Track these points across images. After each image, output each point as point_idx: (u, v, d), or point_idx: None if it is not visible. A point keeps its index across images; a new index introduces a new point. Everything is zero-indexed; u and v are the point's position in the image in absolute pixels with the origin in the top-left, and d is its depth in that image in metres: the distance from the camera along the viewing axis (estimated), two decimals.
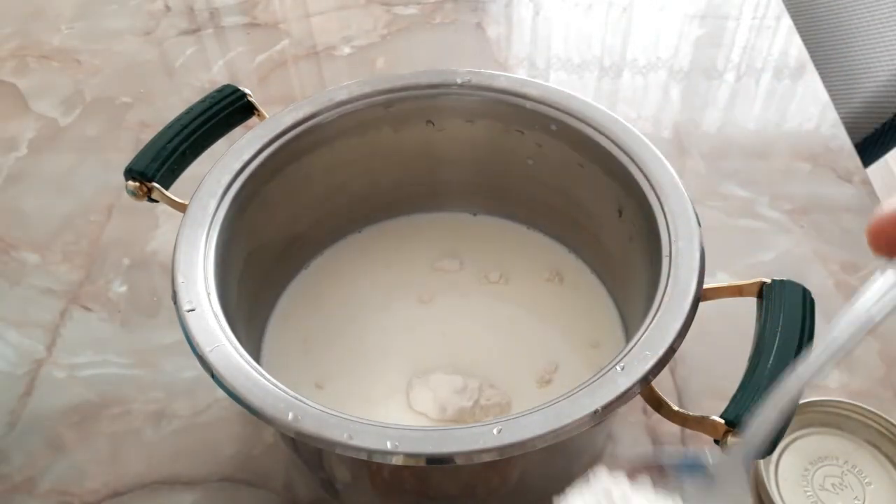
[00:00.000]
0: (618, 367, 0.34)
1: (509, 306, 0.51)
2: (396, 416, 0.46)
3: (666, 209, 0.40)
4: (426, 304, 0.51)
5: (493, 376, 0.47)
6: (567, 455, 0.43)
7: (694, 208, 0.40)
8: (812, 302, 0.35)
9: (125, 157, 0.44)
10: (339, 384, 0.47)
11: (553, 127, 0.47)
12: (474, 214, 0.56)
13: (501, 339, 0.49)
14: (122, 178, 0.44)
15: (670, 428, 0.47)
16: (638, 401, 0.35)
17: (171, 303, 0.38)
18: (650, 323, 0.36)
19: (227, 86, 0.48)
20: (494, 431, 0.32)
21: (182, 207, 0.42)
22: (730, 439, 0.31)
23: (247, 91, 0.48)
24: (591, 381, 0.34)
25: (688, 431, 0.47)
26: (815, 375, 0.26)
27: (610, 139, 0.44)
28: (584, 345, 0.49)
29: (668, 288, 0.37)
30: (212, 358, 0.35)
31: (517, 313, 0.51)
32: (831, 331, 0.26)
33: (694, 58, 0.76)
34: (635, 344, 0.35)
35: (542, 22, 0.82)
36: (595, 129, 0.45)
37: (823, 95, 0.71)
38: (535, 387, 0.47)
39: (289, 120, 0.46)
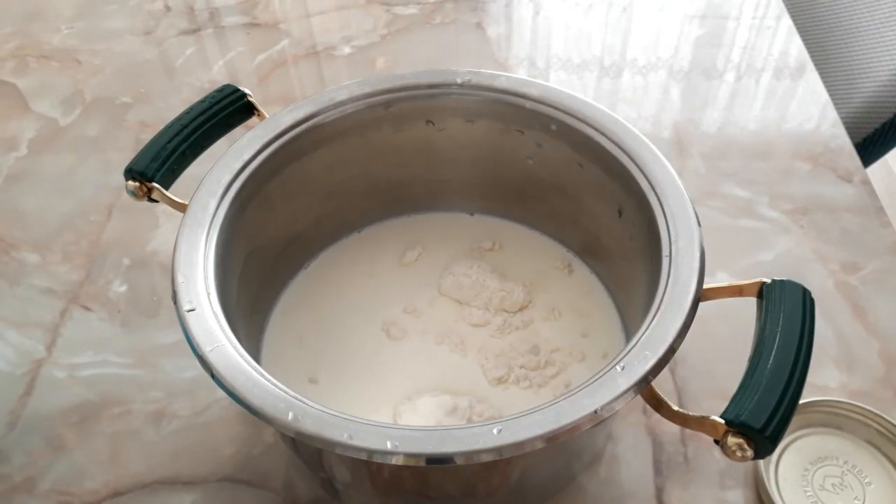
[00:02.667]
0: (618, 367, 0.34)
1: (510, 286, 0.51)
2: None
3: (666, 209, 0.40)
4: (420, 302, 0.52)
5: (483, 387, 0.47)
6: (567, 455, 0.43)
7: (694, 208, 0.40)
8: (812, 302, 0.35)
9: (125, 157, 0.44)
10: (332, 384, 0.47)
11: (553, 127, 0.47)
12: (471, 214, 0.56)
13: (499, 342, 0.49)
14: (122, 178, 0.44)
15: (670, 428, 0.47)
16: (638, 401, 0.34)
17: (171, 303, 0.38)
18: (650, 323, 0.36)
19: (227, 86, 0.48)
20: (494, 431, 0.32)
21: (182, 207, 0.42)
22: (730, 439, 0.31)
23: (247, 91, 0.48)
24: (591, 381, 0.34)
25: (688, 431, 0.47)
26: None
27: (610, 139, 0.44)
28: (581, 342, 0.49)
29: (668, 288, 0.37)
30: (212, 358, 0.35)
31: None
32: None
33: (694, 58, 0.76)
34: (635, 344, 0.35)
35: (542, 22, 0.82)
36: (595, 129, 0.45)
37: (823, 95, 0.71)
38: (527, 387, 0.47)
39: (289, 120, 0.46)
